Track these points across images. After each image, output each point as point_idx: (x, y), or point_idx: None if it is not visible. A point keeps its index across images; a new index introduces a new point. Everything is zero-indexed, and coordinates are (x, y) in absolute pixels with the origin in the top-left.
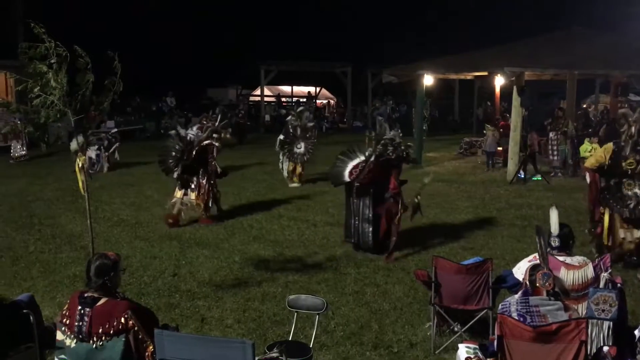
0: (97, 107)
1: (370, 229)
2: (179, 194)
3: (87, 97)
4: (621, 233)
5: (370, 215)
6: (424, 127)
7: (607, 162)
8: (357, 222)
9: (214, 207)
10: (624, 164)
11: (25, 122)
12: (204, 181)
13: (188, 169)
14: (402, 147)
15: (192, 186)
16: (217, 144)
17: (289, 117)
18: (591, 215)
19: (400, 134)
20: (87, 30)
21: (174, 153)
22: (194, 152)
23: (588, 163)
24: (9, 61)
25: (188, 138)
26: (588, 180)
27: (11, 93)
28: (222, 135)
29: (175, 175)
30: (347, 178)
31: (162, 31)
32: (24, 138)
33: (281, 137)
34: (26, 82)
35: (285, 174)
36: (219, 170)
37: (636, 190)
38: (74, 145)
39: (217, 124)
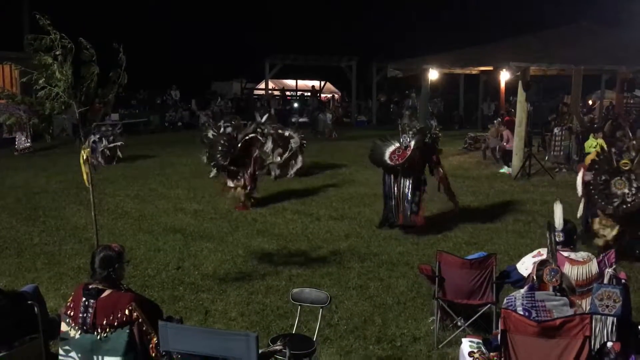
0: (102, 99)
1: (410, 207)
2: (231, 183)
3: (92, 89)
4: (596, 226)
5: (410, 195)
6: (434, 122)
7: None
8: (396, 202)
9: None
10: (620, 162)
11: (30, 114)
12: (249, 171)
13: (234, 161)
14: (437, 138)
15: (238, 176)
16: (261, 138)
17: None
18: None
19: (438, 127)
20: (93, 23)
21: (220, 147)
22: (239, 145)
23: (587, 160)
24: (14, 53)
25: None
26: (580, 176)
27: (16, 85)
28: (265, 131)
29: (221, 167)
30: (389, 162)
31: (167, 24)
32: (28, 130)
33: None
34: (31, 73)
35: None
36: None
37: (625, 189)
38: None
39: (262, 119)
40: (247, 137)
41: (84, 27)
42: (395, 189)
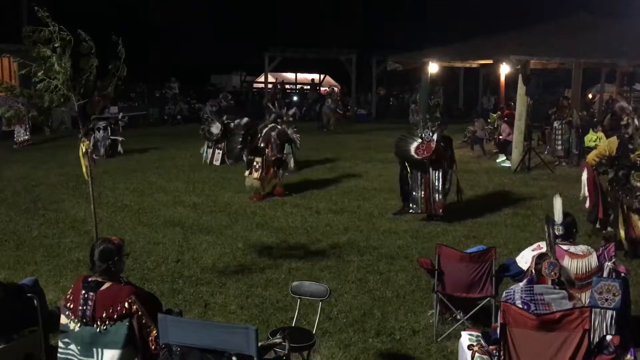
0: (101, 92)
1: (438, 197)
2: (246, 173)
3: (91, 81)
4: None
5: (440, 186)
6: (437, 115)
7: (613, 155)
8: (424, 195)
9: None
10: (632, 155)
11: (29, 107)
12: (267, 161)
13: (254, 151)
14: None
15: (257, 166)
16: (279, 127)
17: None
18: (590, 215)
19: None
20: (92, 15)
21: (240, 138)
22: (259, 135)
23: (589, 158)
24: (13, 45)
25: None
26: (585, 177)
27: (15, 77)
28: (285, 119)
29: (243, 157)
30: (417, 156)
31: (166, 17)
32: (27, 123)
33: None
34: (30, 66)
35: None
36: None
37: None
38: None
39: (282, 111)
40: (267, 128)
41: (83, 19)
42: (424, 181)
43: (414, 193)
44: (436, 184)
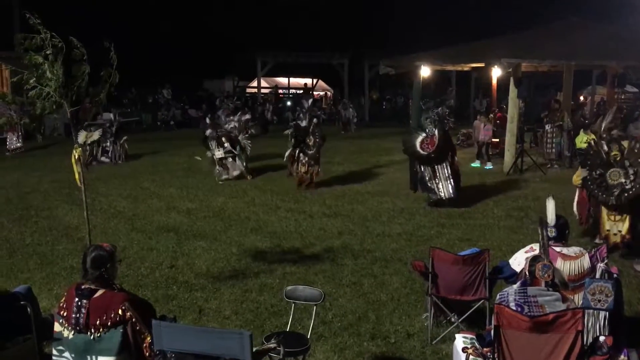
0: (93, 98)
1: (450, 184)
2: (295, 166)
3: (83, 88)
4: (607, 225)
5: (449, 173)
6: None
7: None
8: (437, 182)
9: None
10: (609, 155)
11: (21, 114)
12: (313, 153)
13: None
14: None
15: (303, 161)
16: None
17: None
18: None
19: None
20: (83, 21)
21: (303, 140)
22: (310, 131)
23: (574, 179)
24: (5, 52)
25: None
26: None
27: (7, 84)
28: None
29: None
30: (422, 152)
31: (158, 22)
32: (19, 130)
33: None
34: (22, 73)
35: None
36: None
37: (621, 179)
38: (81, 137)
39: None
40: (314, 123)
41: (75, 26)
42: (436, 173)
43: (429, 184)
44: (445, 172)
